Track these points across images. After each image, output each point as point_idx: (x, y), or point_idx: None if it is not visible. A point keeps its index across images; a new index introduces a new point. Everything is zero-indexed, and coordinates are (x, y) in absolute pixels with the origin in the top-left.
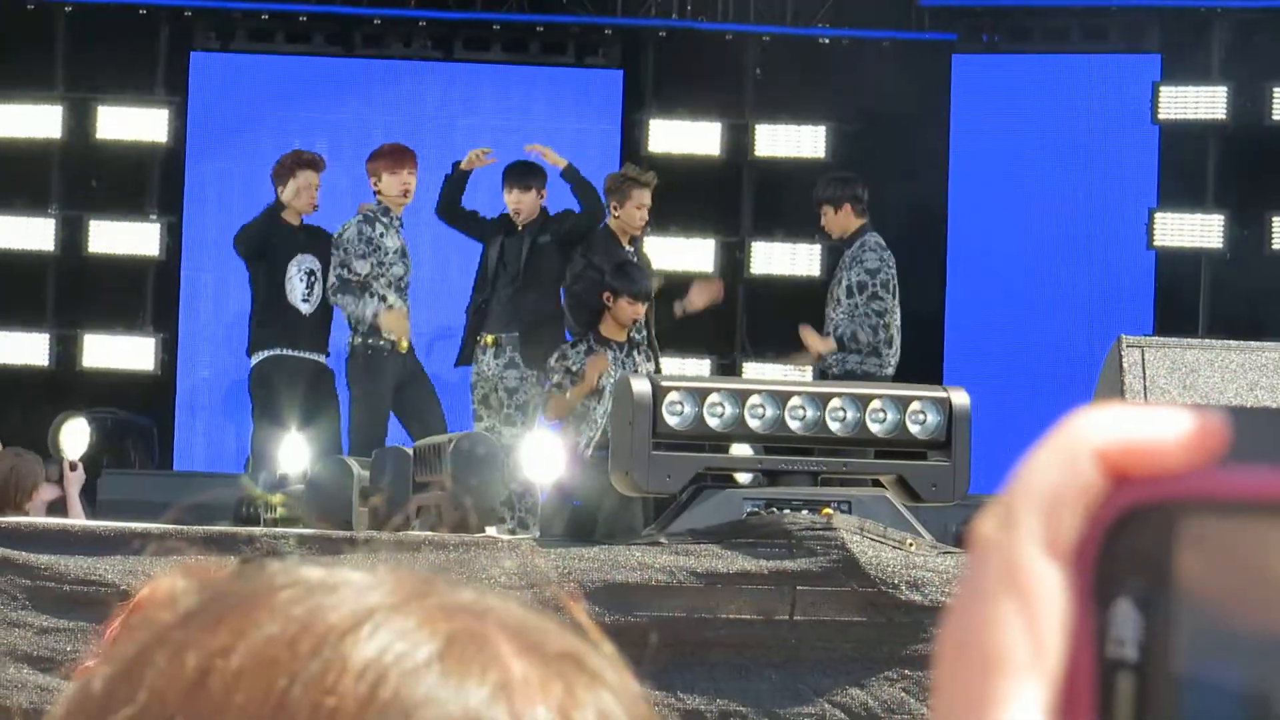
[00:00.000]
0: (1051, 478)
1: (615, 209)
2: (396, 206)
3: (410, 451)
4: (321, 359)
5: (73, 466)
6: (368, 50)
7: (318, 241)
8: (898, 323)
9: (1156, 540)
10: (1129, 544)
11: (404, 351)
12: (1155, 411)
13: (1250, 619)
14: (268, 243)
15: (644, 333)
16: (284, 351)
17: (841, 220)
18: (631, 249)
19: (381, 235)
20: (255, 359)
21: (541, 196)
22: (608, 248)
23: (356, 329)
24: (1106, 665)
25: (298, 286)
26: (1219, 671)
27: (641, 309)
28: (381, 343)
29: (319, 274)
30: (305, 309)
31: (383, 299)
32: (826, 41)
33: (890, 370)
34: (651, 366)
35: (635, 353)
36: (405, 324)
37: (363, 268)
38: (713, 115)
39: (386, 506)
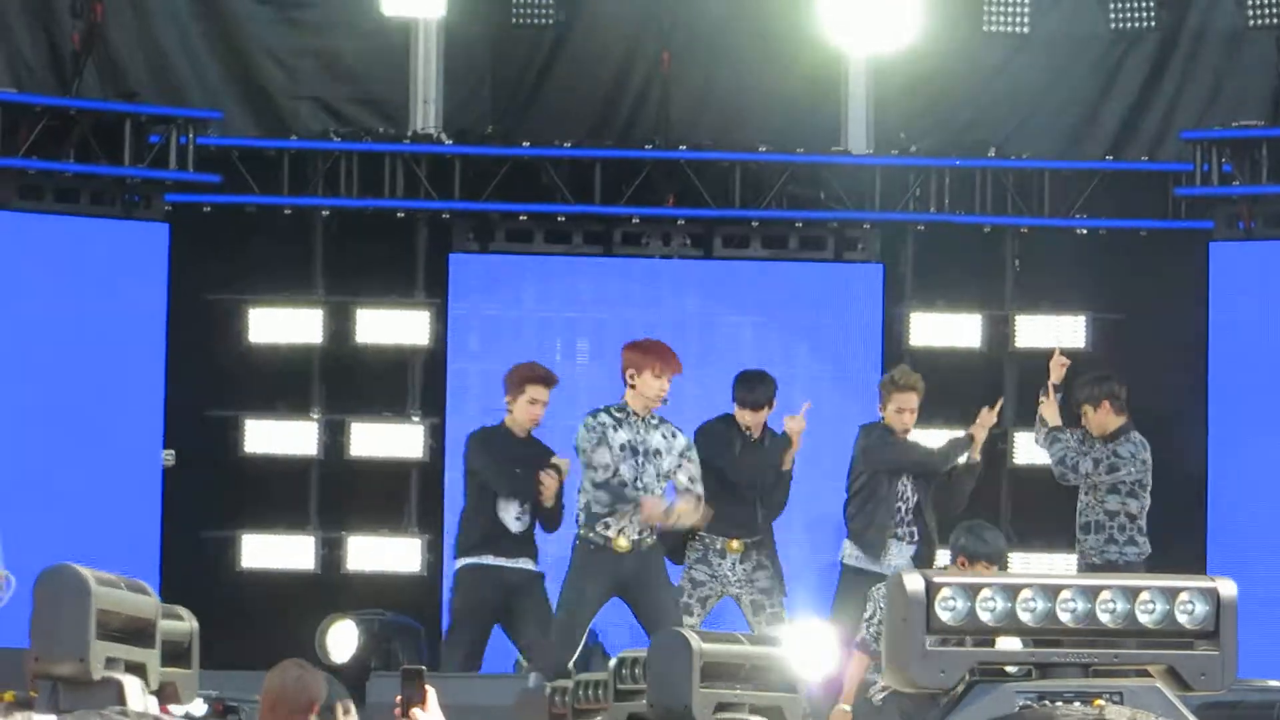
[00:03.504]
0: None
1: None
2: (643, 410)
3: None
4: (530, 567)
5: (345, 710)
6: (627, 249)
7: (539, 457)
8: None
9: None
10: None
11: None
12: None
13: None
14: (491, 451)
15: None
16: (489, 560)
17: (1101, 419)
18: None
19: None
20: (459, 564)
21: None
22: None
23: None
24: None
25: (512, 505)
26: None
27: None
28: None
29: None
30: (515, 528)
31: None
32: (1084, 232)
33: (1142, 559)
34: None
35: None
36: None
37: (603, 457)
38: (972, 307)
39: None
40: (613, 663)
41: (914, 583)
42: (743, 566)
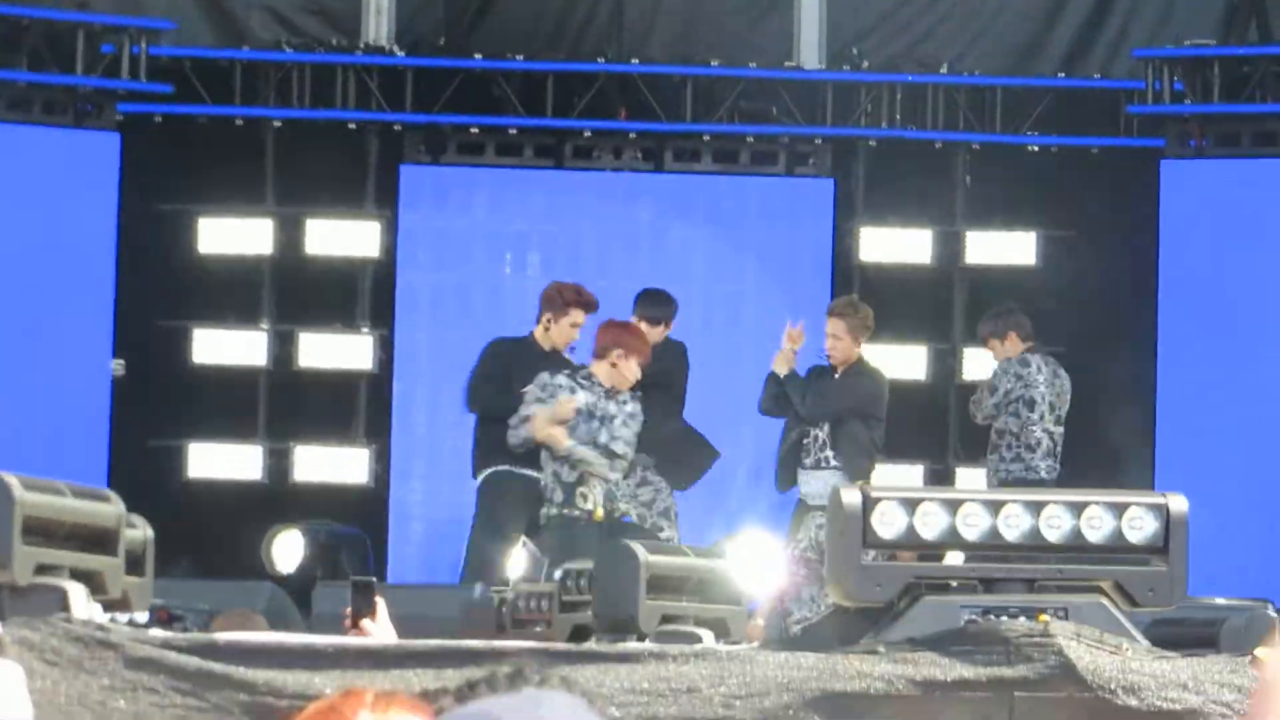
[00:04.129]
0: None
1: None
2: (608, 384)
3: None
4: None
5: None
6: (578, 162)
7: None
8: (1039, 436)
9: None
10: None
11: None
12: None
13: None
14: (511, 363)
15: None
16: (511, 468)
17: (1009, 350)
18: None
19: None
20: (482, 475)
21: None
22: None
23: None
24: None
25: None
26: None
27: None
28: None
29: None
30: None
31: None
32: (1036, 149)
33: (1044, 477)
34: None
35: None
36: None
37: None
38: (923, 223)
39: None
40: (558, 574)
41: (851, 497)
42: (627, 482)
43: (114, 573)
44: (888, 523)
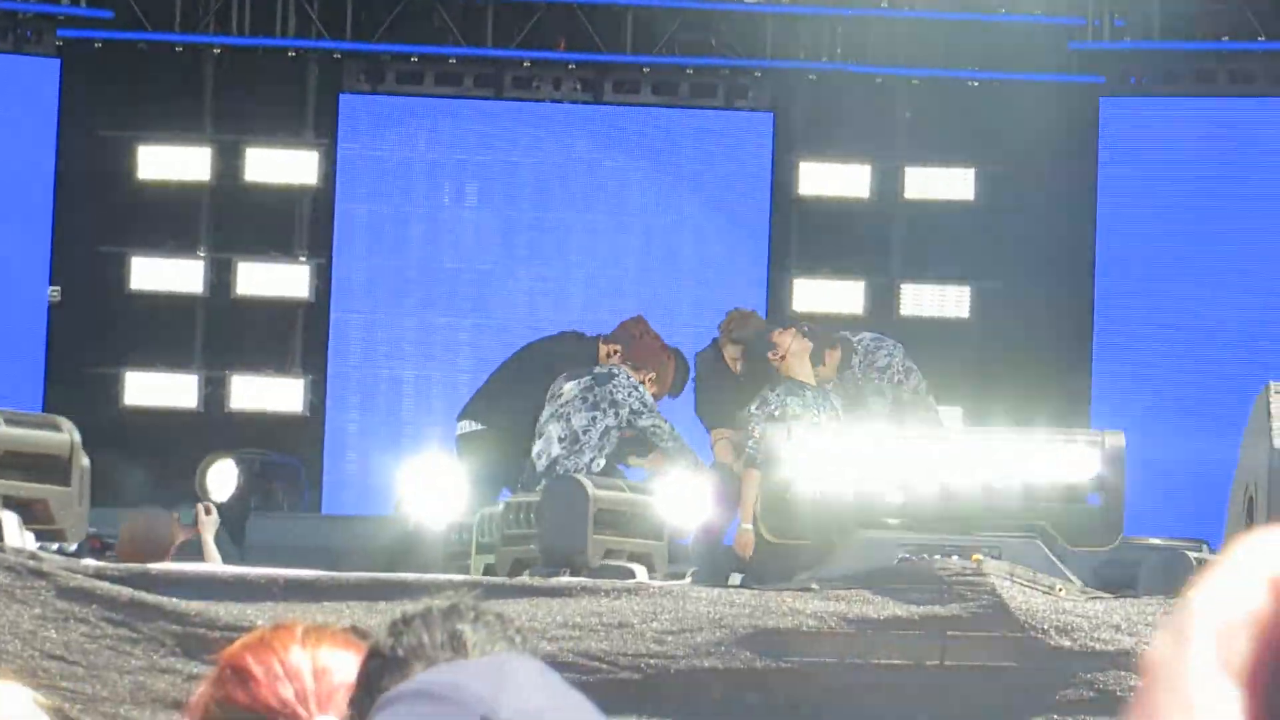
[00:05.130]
0: (1224, 601)
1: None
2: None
3: (501, 506)
4: None
5: (207, 510)
6: (517, 93)
7: None
8: None
9: None
10: None
11: None
12: None
13: None
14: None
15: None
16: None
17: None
18: None
19: None
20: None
21: None
22: None
23: None
24: None
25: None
26: None
27: None
28: None
29: None
30: None
31: None
32: (976, 84)
33: None
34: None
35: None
36: None
37: None
38: (863, 158)
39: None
40: (501, 507)
41: (777, 432)
42: None
43: (62, 501)
44: (815, 460)
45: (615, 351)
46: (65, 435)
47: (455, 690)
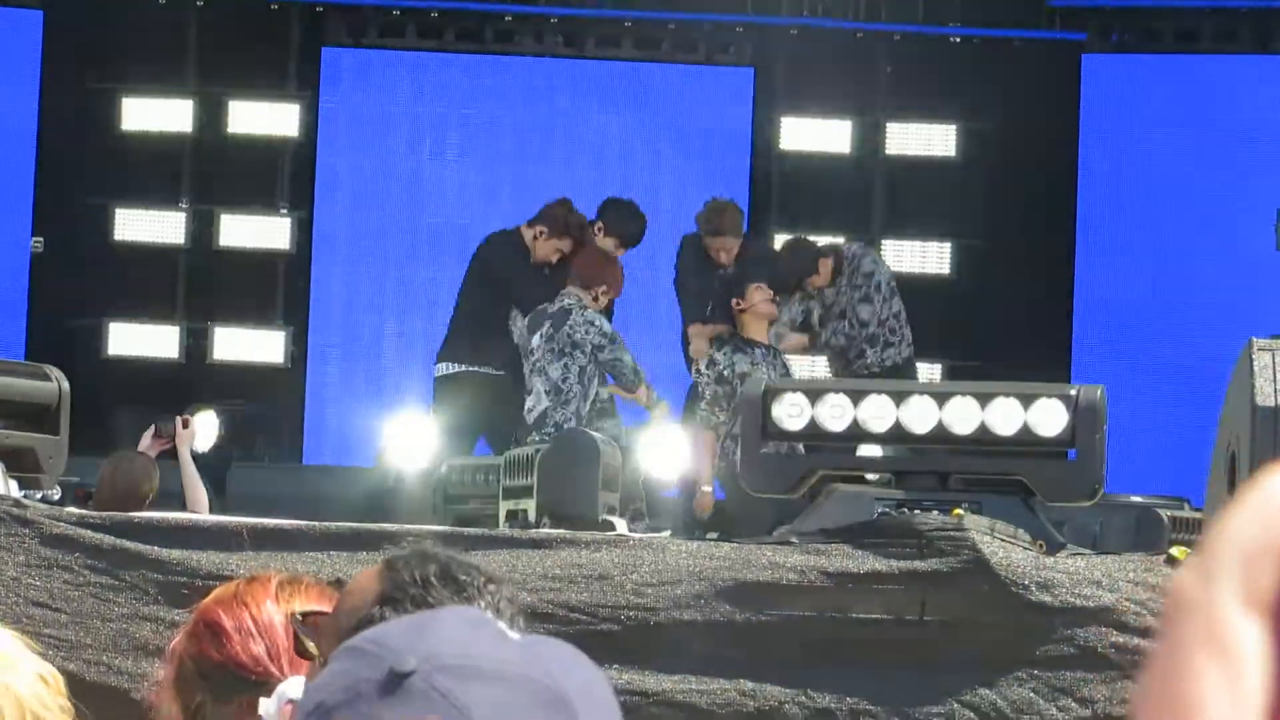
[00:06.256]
0: (1248, 534)
1: None
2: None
3: (502, 459)
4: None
5: (185, 424)
6: (499, 46)
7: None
8: None
9: None
10: None
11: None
12: None
13: None
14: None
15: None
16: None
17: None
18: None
19: None
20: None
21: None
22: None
23: None
24: None
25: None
26: None
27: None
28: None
29: None
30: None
31: None
32: (958, 40)
33: None
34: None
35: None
36: None
37: None
38: (844, 113)
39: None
40: (501, 460)
41: (753, 388)
42: None
43: (50, 448)
44: (792, 415)
45: (541, 233)
46: (54, 384)
47: (375, 643)
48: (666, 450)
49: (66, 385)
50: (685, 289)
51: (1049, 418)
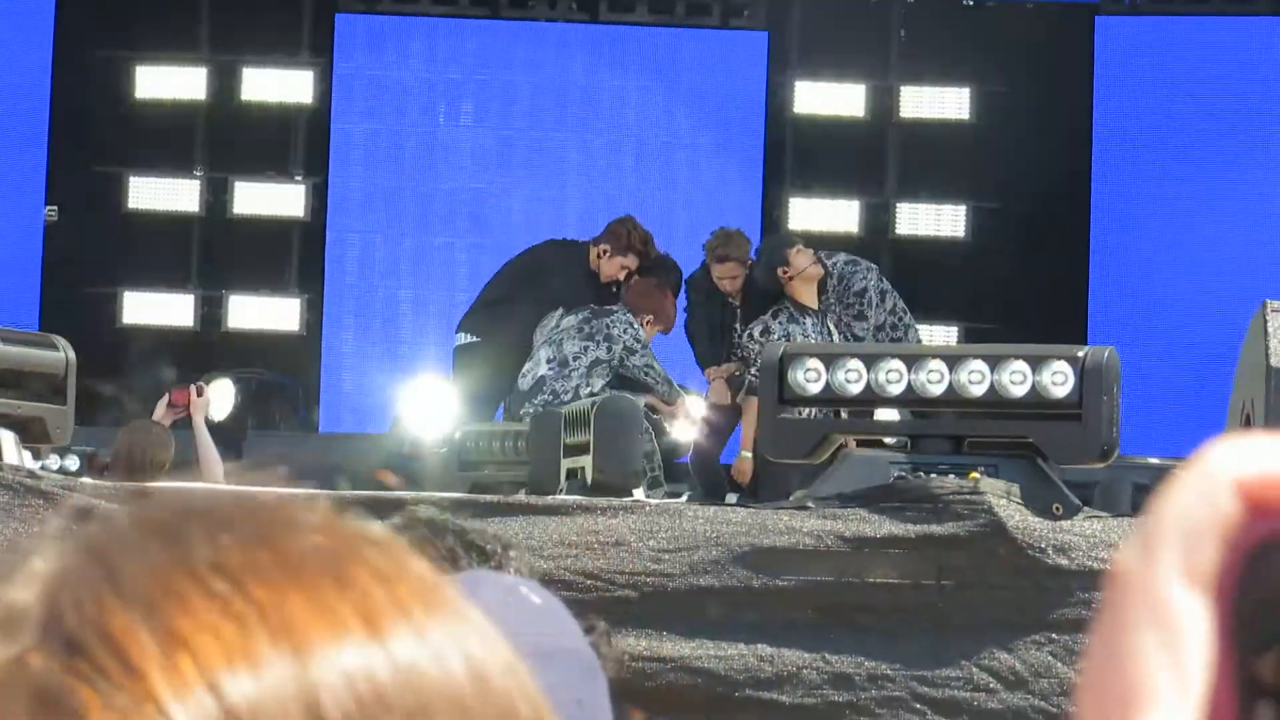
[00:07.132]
0: (1190, 508)
1: None
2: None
3: (562, 414)
4: None
5: (199, 391)
6: (513, 12)
7: None
8: None
9: None
10: (1269, 574)
11: None
12: None
13: None
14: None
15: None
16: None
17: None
18: None
19: None
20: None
21: None
22: None
23: None
24: (1249, 695)
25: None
26: None
27: None
28: None
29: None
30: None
31: None
32: (971, 3)
33: None
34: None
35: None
36: None
37: None
38: (858, 77)
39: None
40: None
41: (771, 352)
42: None
43: (57, 418)
44: (808, 380)
45: (605, 252)
46: (60, 353)
47: None
48: (683, 414)
49: (74, 355)
50: (696, 337)
51: (1058, 380)
